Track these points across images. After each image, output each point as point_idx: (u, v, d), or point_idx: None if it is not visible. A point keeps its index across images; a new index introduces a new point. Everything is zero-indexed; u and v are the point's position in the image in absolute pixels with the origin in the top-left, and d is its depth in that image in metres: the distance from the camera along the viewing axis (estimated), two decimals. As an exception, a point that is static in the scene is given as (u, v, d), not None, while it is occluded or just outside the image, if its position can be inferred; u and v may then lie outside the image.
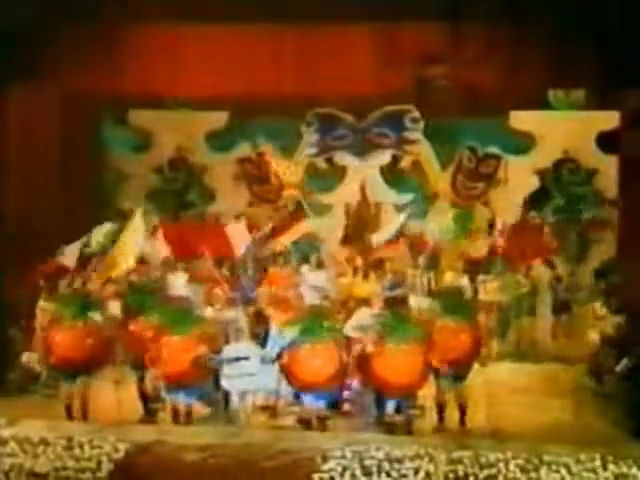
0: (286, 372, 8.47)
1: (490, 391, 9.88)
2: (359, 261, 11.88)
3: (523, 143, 14.08)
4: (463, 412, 8.86)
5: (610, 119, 13.41)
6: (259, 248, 11.82)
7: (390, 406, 8.41)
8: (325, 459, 7.50)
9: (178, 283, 10.78)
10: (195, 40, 11.19)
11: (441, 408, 8.84)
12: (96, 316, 9.17)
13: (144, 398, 9.20)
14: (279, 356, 8.51)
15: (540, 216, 13.09)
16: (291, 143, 14.45)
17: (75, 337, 8.89)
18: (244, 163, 14.58)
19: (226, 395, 8.89)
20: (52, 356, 9.02)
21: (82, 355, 8.87)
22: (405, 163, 14.38)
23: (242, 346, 8.89)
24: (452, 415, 8.89)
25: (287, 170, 14.37)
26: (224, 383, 8.76)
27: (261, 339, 9.38)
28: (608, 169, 13.67)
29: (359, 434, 8.22)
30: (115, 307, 9.81)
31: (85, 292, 9.93)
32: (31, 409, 9.15)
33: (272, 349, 8.83)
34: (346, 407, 9.02)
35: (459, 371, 8.75)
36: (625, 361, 9.25)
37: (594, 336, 10.56)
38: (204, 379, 8.70)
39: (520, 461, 7.36)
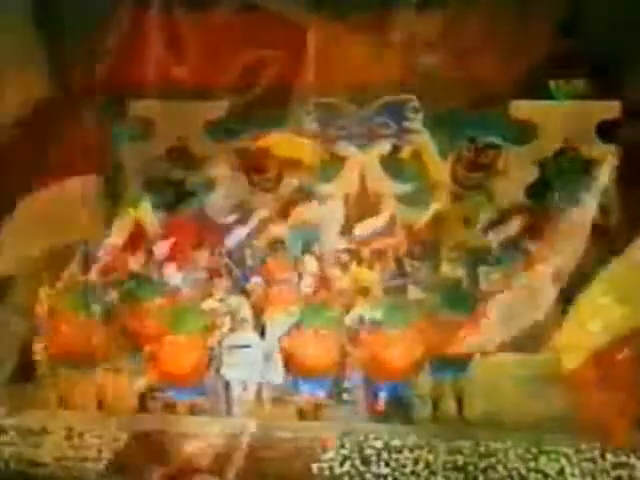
0: (284, 359, 8.48)
1: (490, 381, 9.89)
2: (359, 251, 11.90)
3: (523, 133, 14.02)
4: (460, 403, 8.86)
5: (611, 109, 13.36)
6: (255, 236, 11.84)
7: (384, 394, 8.41)
8: (324, 449, 7.50)
9: (175, 275, 10.76)
10: (195, 28, 11.16)
11: (439, 399, 8.84)
12: (97, 307, 9.17)
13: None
14: (278, 342, 8.53)
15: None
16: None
17: (78, 329, 8.89)
18: (244, 152, 14.55)
19: (226, 384, 8.89)
20: (54, 347, 9.03)
21: (85, 347, 8.88)
22: (405, 153, 14.32)
23: (244, 335, 8.89)
24: (451, 405, 8.89)
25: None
26: (225, 372, 8.76)
27: (262, 328, 9.39)
28: (609, 159, 13.62)
29: (358, 423, 8.23)
30: (115, 297, 9.79)
31: (87, 282, 9.91)
32: (31, 398, 9.16)
33: (271, 337, 8.84)
34: (345, 396, 9.05)
35: (459, 363, 8.76)
36: (625, 349, 9.24)
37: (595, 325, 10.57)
38: (206, 373, 8.69)
39: (520, 450, 7.37)
